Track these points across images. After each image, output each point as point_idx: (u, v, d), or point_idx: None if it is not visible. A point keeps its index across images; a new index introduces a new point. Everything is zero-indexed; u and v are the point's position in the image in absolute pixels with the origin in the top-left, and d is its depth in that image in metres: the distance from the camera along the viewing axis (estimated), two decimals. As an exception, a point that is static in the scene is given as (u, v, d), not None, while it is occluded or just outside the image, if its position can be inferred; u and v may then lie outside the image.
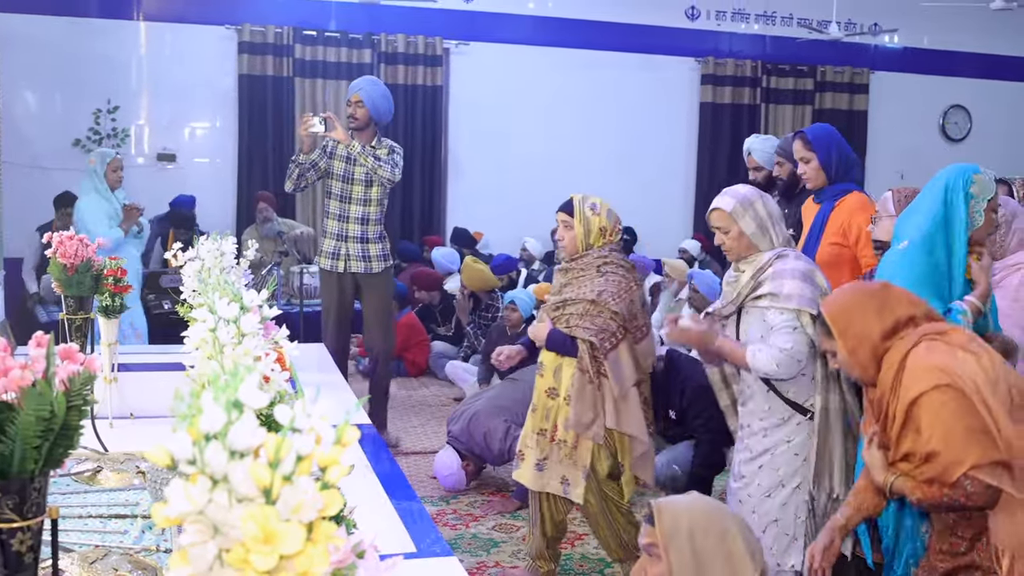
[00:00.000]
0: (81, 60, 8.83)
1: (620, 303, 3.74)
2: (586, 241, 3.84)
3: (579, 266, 3.84)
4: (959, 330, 2.60)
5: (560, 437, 3.82)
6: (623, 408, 3.77)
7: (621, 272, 3.82)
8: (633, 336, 3.80)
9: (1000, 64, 11.73)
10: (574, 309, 3.78)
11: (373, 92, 5.74)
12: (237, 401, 0.96)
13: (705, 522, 2.26)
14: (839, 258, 4.17)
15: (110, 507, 2.43)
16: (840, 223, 4.19)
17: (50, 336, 1.37)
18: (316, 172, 5.79)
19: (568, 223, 3.86)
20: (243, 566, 0.91)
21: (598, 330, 3.71)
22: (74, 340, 3.02)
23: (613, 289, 3.75)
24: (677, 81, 10.77)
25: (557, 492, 3.87)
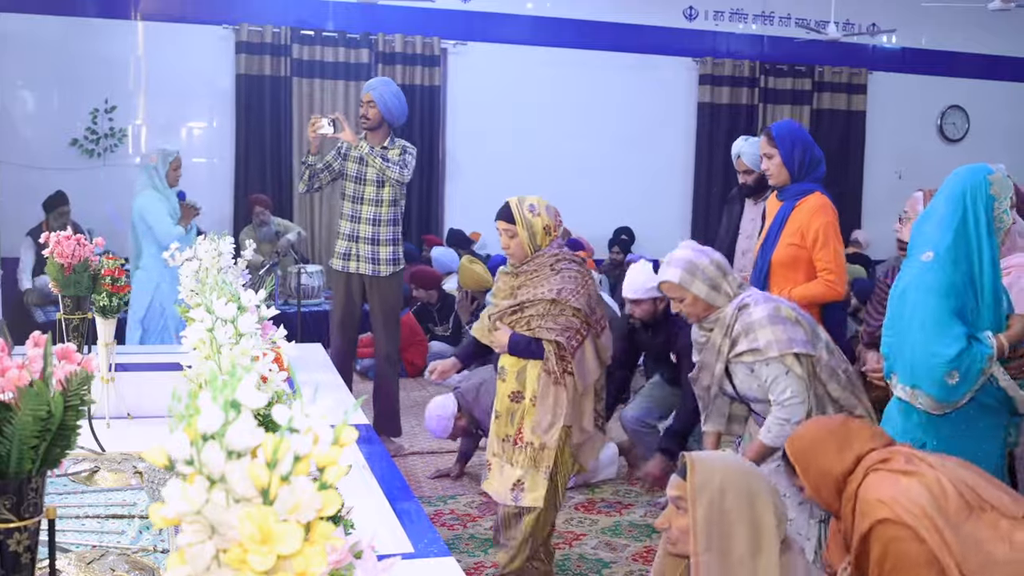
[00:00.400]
0: (78, 60, 8.82)
1: (580, 299, 3.68)
2: (533, 244, 3.74)
3: (531, 268, 3.76)
4: (899, 452, 2.62)
5: (527, 439, 3.74)
6: (581, 403, 3.75)
7: (575, 267, 3.76)
8: (594, 331, 3.75)
9: (998, 64, 11.73)
10: (534, 311, 3.70)
11: (385, 92, 5.73)
12: (235, 401, 0.95)
13: (737, 482, 2.28)
14: (796, 259, 4.18)
15: (107, 507, 2.43)
16: (799, 224, 4.18)
17: (47, 336, 1.37)
18: (330, 173, 5.81)
19: (510, 230, 3.76)
20: (241, 566, 0.91)
21: (562, 329, 3.66)
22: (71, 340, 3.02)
23: (571, 286, 3.69)
24: (675, 81, 10.77)
25: (505, 501, 3.77)
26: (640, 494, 5.29)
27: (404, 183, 5.72)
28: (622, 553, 4.55)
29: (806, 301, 4.09)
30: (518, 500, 3.72)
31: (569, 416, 3.69)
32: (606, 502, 5.21)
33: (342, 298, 5.89)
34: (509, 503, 3.75)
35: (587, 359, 3.71)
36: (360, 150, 5.64)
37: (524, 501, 3.72)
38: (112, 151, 9.04)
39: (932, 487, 2.45)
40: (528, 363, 3.74)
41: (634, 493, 5.35)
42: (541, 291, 3.69)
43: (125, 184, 8.94)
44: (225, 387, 0.96)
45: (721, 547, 2.24)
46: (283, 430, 0.96)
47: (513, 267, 3.81)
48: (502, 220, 3.78)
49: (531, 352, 3.71)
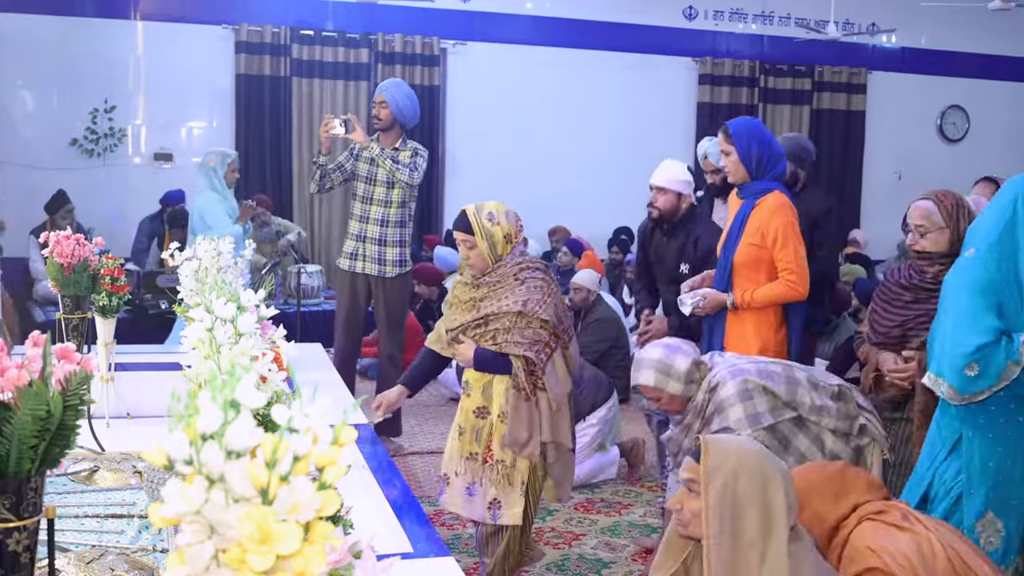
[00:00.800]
0: (78, 60, 8.82)
1: (547, 310, 3.48)
2: (493, 254, 3.53)
3: (494, 279, 3.53)
4: (896, 507, 2.66)
5: (497, 457, 3.57)
6: (557, 420, 3.57)
7: (539, 276, 3.55)
8: (562, 341, 3.57)
9: (998, 64, 11.73)
10: (499, 324, 3.50)
11: (397, 93, 5.74)
12: (234, 401, 0.95)
13: (751, 465, 2.29)
14: (757, 259, 4.16)
15: (107, 507, 2.43)
16: (758, 224, 4.16)
17: (47, 336, 1.37)
18: (342, 174, 5.82)
19: (469, 241, 3.54)
20: (240, 566, 0.91)
21: (530, 343, 3.47)
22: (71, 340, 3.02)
23: (537, 296, 3.49)
24: (674, 81, 10.77)
25: (483, 519, 3.61)
26: (640, 494, 5.30)
27: (414, 186, 5.73)
28: (622, 553, 4.54)
29: (769, 302, 4.10)
30: (496, 519, 3.58)
31: (547, 432, 3.53)
32: (606, 502, 5.21)
33: (347, 297, 5.89)
34: (488, 522, 3.61)
35: (558, 372, 3.56)
36: (371, 151, 5.65)
37: (503, 520, 3.58)
38: (112, 151, 9.05)
39: (923, 545, 2.50)
40: (494, 377, 3.56)
41: (634, 493, 5.35)
42: (506, 303, 3.49)
43: (125, 184, 8.98)
44: (224, 387, 0.96)
45: (733, 529, 2.25)
46: (282, 430, 0.96)
47: (473, 278, 3.59)
48: (459, 231, 3.57)
49: (498, 367, 3.53)
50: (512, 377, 3.50)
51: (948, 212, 3.45)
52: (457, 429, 3.67)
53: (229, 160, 6.45)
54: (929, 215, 3.47)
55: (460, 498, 3.63)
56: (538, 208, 9.90)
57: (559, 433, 3.57)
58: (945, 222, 3.45)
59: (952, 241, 3.44)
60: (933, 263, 3.48)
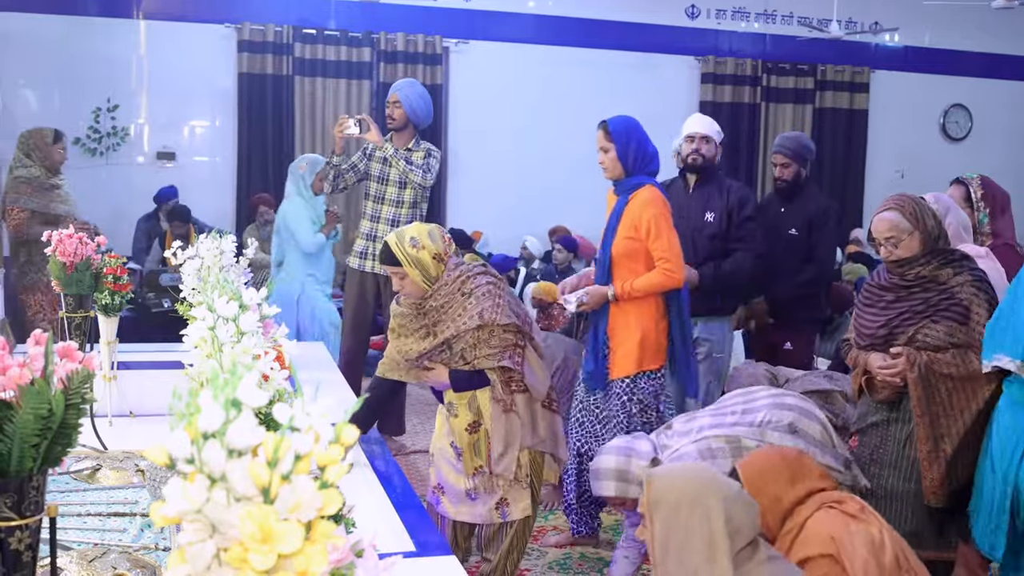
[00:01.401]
0: (81, 59, 8.82)
1: (504, 312, 3.36)
2: (428, 278, 3.38)
3: (439, 302, 3.38)
4: (853, 499, 2.78)
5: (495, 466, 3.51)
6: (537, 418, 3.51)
7: (484, 280, 3.42)
8: (528, 336, 3.48)
9: (1001, 63, 11.71)
10: (463, 343, 3.39)
11: (411, 93, 5.74)
12: (236, 400, 0.95)
13: (692, 497, 2.36)
14: (635, 251, 4.28)
15: (109, 505, 2.43)
16: (632, 218, 4.27)
17: (49, 334, 1.37)
18: (356, 174, 5.84)
19: (399, 272, 3.39)
20: (241, 565, 0.91)
21: (500, 351, 3.38)
22: (73, 338, 3.02)
23: (490, 303, 3.35)
24: (677, 80, 10.75)
25: (491, 520, 3.55)
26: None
27: (426, 186, 5.74)
28: (624, 552, 4.54)
29: (648, 291, 4.24)
30: (506, 517, 3.55)
31: (528, 438, 3.48)
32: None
33: (355, 296, 5.90)
34: (496, 521, 3.57)
35: (534, 368, 3.48)
36: (384, 151, 5.67)
37: (513, 516, 3.55)
38: (114, 150, 9.05)
39: (875, 538, 2.61)
40: (477, 392, 3.46)
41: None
42: (462, 321, 3.35)
43: (127, 183, 8.98)
44: (226, 386, 0.96)
45: (678, 558, 2.33)
46: (284, 429, 0.96)
47: (416, 306, 3.42)
48: (386, 264, 3.42)
49: (476, 383, 3.43)
50: (491, 389, 3.41)
51: (911, 214, 3.52)
52: (453, 451, 3.55)
53: (318, 168, 6.52)
54: (895, 225, 3.53)
55: (458, 503, 3.56)
56: (540, 207, 9.90)
57: (536, 434, 3.52)
58: (912, 225, 3.50)
59: (924, 241, 3.51)
60: (913, 267, 3.53)
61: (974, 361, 3.39)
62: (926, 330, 3.47)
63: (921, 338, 3.48)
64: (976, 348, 3.38)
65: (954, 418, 3.46)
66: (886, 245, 3.55)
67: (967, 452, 3.47)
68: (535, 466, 3.59)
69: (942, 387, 3.45)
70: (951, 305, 3.45)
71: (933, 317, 3.47)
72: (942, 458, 3.45)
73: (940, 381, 3.45)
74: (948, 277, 3.48)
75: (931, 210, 3.57)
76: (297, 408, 0.97)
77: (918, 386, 3.45)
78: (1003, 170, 11.99)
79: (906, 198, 3.60)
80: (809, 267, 5.30)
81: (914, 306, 3.51)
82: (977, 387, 3.42)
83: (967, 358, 3.41)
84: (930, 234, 3.51)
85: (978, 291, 3.44)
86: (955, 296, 3.45)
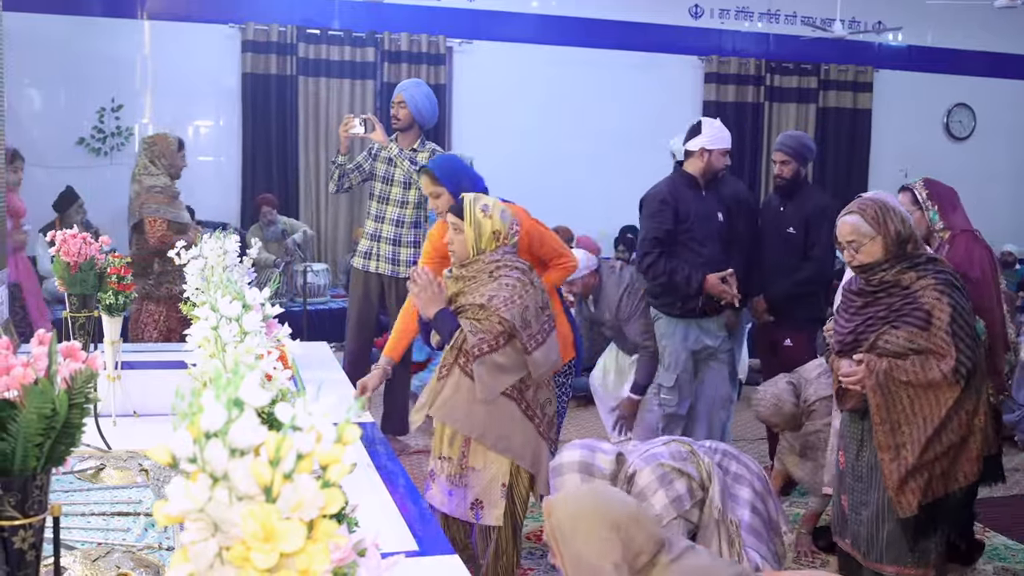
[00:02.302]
0: (85, 59, 8.83)
1: (511, 309, 3.43)
2: (477, 245, 3.51)
3: (470, 272, 3.52)
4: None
5: (471, 462, 3.56)
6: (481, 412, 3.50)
7: (515, 276, 3.51)
8: (524, 346, 3.47)
9: (1004, 62, 11.70)
10: (464, 315, 3.51)
11: (416, 93, 5.75)
12: (238, 399, 0.96)
13: (591, 518, 2.28)
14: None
15: (113, 505, 2.43)
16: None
17: (52, 334, 1.38)
18: (361, 174, 5.83)
19: (457, 225, 3.52)
20: (244, 564, 0.91)
21: (478, 330, 3.44)
22: (77, 338, 3.03)
23: (505, 294, 3.44)
24: (680, 79, 10.75)
25: (467, 518, 3.60)
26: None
27: None
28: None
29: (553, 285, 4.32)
30: (479, 519, 3.58)
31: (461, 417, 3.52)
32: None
33: (359, 297, 5.90)
34: (472, 521, 3.60)
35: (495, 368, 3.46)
36: (389, 151, 5.67)
37: (486, 520, 3.58)
38: (119, 150, 9.06)
39: None
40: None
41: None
42: (473, 297, 3.48)
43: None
44: (229, 385, 0.97)
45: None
46: (286, 428, 0.96)
47: (456, 269, 3.59)
48: (451, 214, 3.56)
49: (447, 332, 3.51)
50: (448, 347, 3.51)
51: (873, 218, 3.43)
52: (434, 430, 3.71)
53: None
54: (856, 228, 3.45)
55: (442, 496, 3.61)
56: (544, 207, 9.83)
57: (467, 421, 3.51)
58: (874, 229, 3.43)
59: (887, 246, 3.42)
60: (876, 272, 3.45)
61: (934, 368, 3.32)
62: (887, 336, 3.40)
63: (882, 344, 3.41)
64: (937, 354, 3.32)
65: (917, 426, 3.37)
66: (848, 249, 3.49)
67: (943, 462, 3.41)
68: (516, 478, 3.58)
69: (903, 394, 3.38)
70: (912, 310, 3.38)
71: (895, 323, 3.40)
72: (903, 466, 3.38)
73: (900, 388, 3.37)
74: (911, 281, 3.41)
75: (899, 213, 3.48)
76: (299, 407, 0.98)
77: (876, 393, 3.39)
78: (1006, 169, 12.02)
79: (870, 201, 3.52)
80: (807, 265, 5.32)
81: (878, 312, 3.45)
82: (939, 394, 3.36)
83: (927, 365, 3.34)
84: (895, 238, 3.42)
85: (941, 295, 3.35)
86: (917, 301, 3.37)
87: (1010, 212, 11.85)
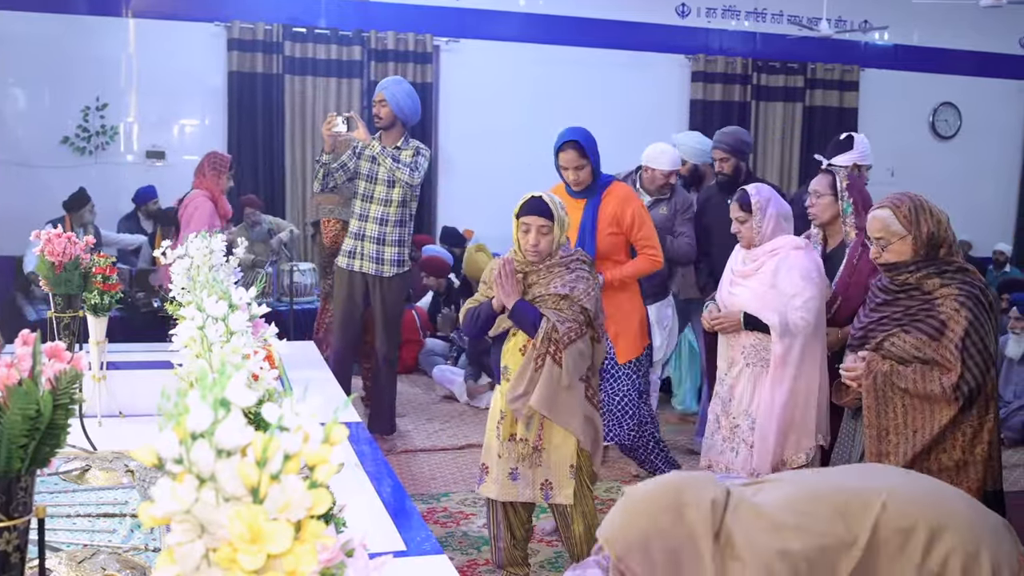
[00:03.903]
0: (70, 57, 8.79)
1: (590, 300, 3.66)
2: (558, 242, 3.71)
3: (547, 265, 3.69)
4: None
5: (545, 442, 3.72)
6: (564, 398, 3.65)
7: (586, 269, 3.74)
8: (596, 333, 3.75)
9: (990, 61, 11.75)
10: (544, 304, 3.66)
11: (397, 91, 5.74)
12: (224, 399, 0.95)
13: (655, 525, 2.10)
14: (618, 245, 4.79)
15: (99, 506, 2.42)
16: (613, 214, 4.78)
17: (36, 334, 1.37)
18: (346, 172, 5.81)
19: (546, 227, 3.64)
20: (230, 565, 0.90)
21: (565, 319, 3.61)
22: (62, 338, 3.01)
23: (583, 286, 3.66)
24: (667, 78, 10.76)
25: (534, 500, 3.80)
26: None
27: (414, 185, 5.71)
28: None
29: (637, 275, 4.79)
30: (548, 499, 3.77)
31: (545, 405, 3.62)
32: (599, 499, 5.21)
33: (344, 296, 5.89)
34: (541, 502, 3.83)
35: (580, 354, 3.67)
36: (372, 149, 5.65)
37: (555, 500, 3.76)
38: (103, 149, 9.01)
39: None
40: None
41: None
42: (554, 286, 3.65)
43: (117, 182, 8.95)
44: (215, 385, 0.96)
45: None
46: (273, 428, 0.95)
47: (528, 263, 3.70)
48: (536, 215, 3.64)
49: (526, 323, 3.64)
50: (534, 336, 3.63)
51: (906, 216, 3.30)
52: (497, 415, 3.81)
53: None
54: (887, 225, 3.33)
55: (502, 484, 3.78)
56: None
57: (563, 414, 3.68)
58: (905, 228, 3.30)
59: (916, 248, 3.29)
60: (901, 272, 3.33)
61: (936, 380, 3.19)
62: (894, 339, 3.30)
63: (888, 346, 3.31)
64: (943, 367, 3.19)
65: (905, 437, 3.25)
66: (876, 245, 3.36)
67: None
68: (582, 458, 3.77)
69: (898, 402, 3.26)
70: (927, 317, 3.25)
71: (907, 327, 3.28)
72: None
73: (896, 395, 3.26)
74: (934, 287, 3.27)
75: (936, 215, 3.33)
76: (286, 407, 0.97)
77: (870, 394, 3.29)
78: (992, 168, 12.07)
79: (906, 198, 3.36)
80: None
81: (894, 312, 3.34)
82: (936, 409, 3.22)
83: (929, 376, 3.21)
84: (926, 240, 3.28)
85: (960, 307, 3.20)
86: (935, 308, 3.24)
87: (996, 211, 11.91)
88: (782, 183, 11.15)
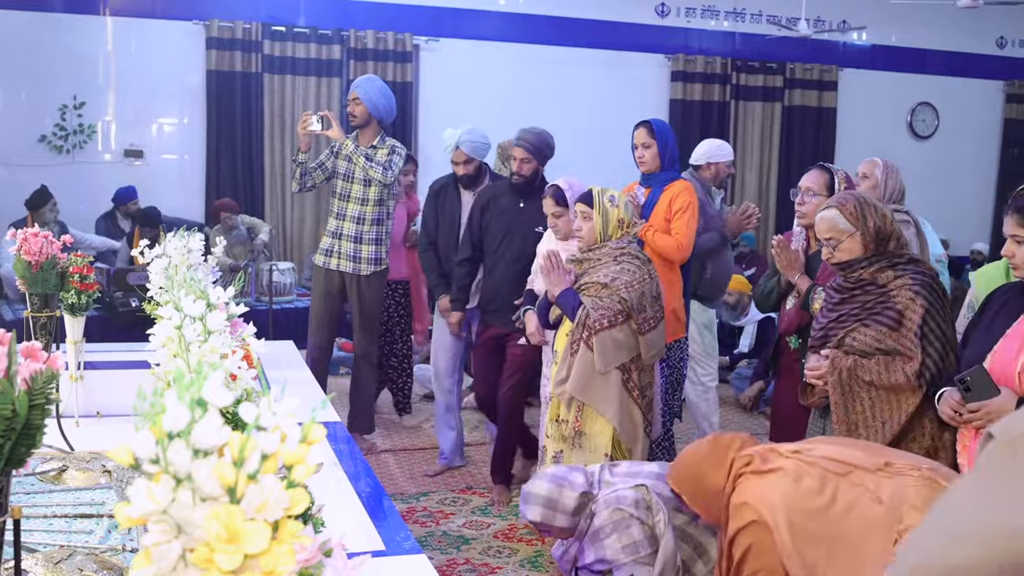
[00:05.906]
0: (47, 55, 8.73)
1: (631, 292, 3.90)
2: (604, 232, 4.03)
3: (595, 256, 4.03)
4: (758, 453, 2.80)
5: (581, 427, 3.97)
6: (598, 383, 3.91)
7: (636, 263, 4.00)
8: (639, 326, 3.94)
9: (967, 61, 11.83)
10: (587, 292, 3.99)
11: (370, 89, 5.72)
12: (201, 399, 0.95)
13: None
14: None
15: (76, 506, 2.40)
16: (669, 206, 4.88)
17: (12, 334, 1.35)
18: (323, 172, 5.80)
19: (587, 214, 4.04)
20: (207, 566, 0.90)
21: (600, 307, 3.90)
22: (39, 338, 2.99)
23: (627, 278, 3.93)
24: (647, 78, 10.78)
25: None
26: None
27: (387, 184, 5.69)
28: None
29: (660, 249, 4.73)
30: None
31: (578, 386, 3.90)
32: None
33: (321, 294, 5.87)
34: None
35: (611, 344, 3.90)
36: (346, 148, 5.64)
37: None
38: (81, 147, 8.96)
39: (788, 474, 2.66)
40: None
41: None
42: (597, 276, 3.99)
43: (95, 181, 8.90)
44: (192, 385, 0.95)
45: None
46: (250, 428, 0.95)
47: (581, 252, 4.09)
48: (581, 203, 4.08)
49: (568, 308, 4.01)
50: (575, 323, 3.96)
51: (852, 214, 3.36)
52: (549, 397, 4.15)
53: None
54: (835, 224, 3.37)
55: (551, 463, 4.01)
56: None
57: (596, 397, 3.92)
58: (853, 225, 3.35)
59: (866, 243, 3.34)
60: (855, 269, 3.37)
61: (899, 370, 3.22)
62: (855, 334, 3.31)
63: (850, 342, 3.32)
64: (904, 356, 3.22)
65: (875, 429, 3.26)
66: (826, 246, 3.41)
67: None
68: (617, 449, 3.97)
69: (864, 395, 3.28)
70: (884, 309, 3.28)
71: (866, 321, 3.31)
72: None
73: (862, 388, 3.28)
74: (888, 280, 3.31)
75: (880, 209, 3.39)
76: (263, 407, 0.97)
77: (836, 390, 3.30)
78: (970, 167, 12.15)
79: (850, 196, 3.44)
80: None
81: (852, 309, 3.36)
82: (901, 399, 3.24)
83: (892, 367, 3.23)
84: (875, 235, 3.34)
85: (915, 295, 3.24)
86: (891, 299, 3.28)
87: (973, 211, 11.99)
88: (761, 183, 11.20)
